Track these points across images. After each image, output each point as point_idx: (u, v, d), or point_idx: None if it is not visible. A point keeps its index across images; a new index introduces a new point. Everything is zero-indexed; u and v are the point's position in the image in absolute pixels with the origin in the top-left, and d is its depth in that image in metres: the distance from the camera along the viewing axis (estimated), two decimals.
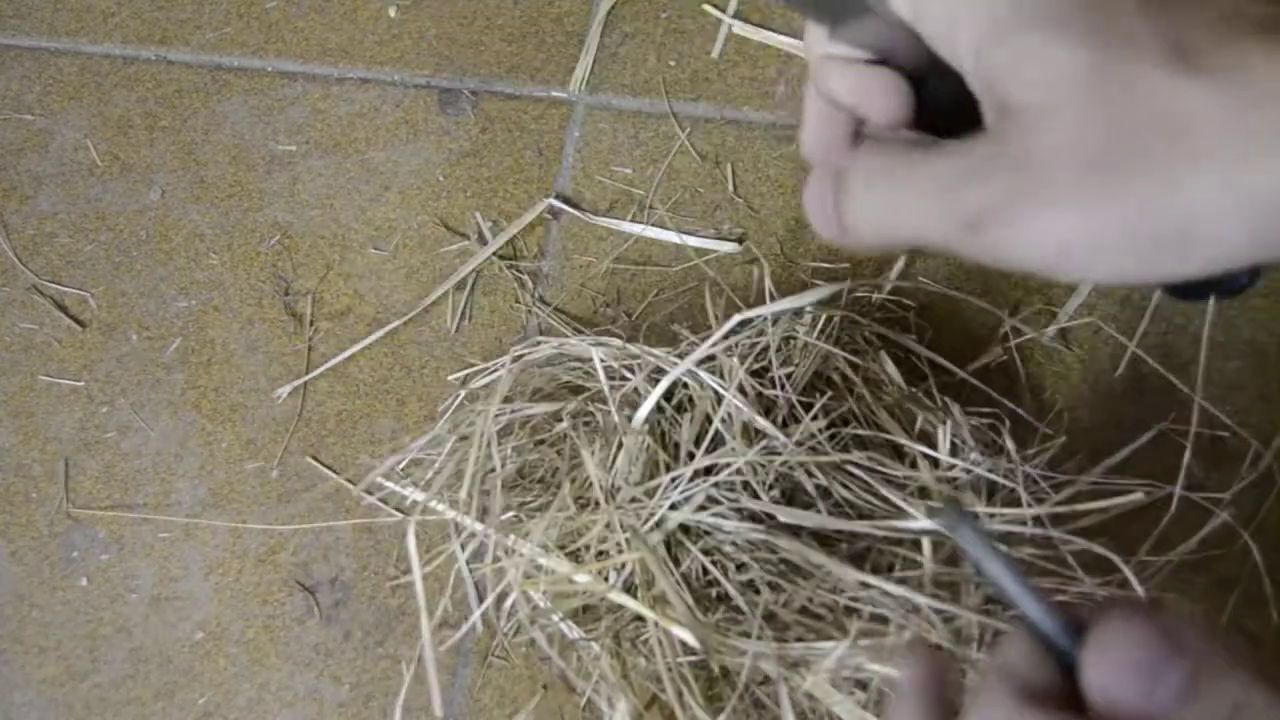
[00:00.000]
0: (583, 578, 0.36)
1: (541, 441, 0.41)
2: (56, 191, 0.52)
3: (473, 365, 0.46)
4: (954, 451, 0.38)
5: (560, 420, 0.40)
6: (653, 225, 0.48)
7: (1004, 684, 0.23)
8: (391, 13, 0.54)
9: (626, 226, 0.48)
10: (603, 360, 0.40)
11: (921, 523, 0.35)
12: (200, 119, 0.53)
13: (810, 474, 0.37)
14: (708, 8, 0.52)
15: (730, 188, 0.48)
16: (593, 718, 0.40)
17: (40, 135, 0.53)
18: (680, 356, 0.40)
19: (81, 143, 0.53)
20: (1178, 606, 0.28)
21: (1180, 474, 0.40)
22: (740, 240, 0.47)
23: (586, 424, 0.40)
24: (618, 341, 0.40)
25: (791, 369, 0.40)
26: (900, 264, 0.44)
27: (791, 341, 0.40)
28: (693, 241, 0.47)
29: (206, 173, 0.52)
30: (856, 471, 0.37)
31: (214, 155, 0.52)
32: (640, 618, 0.36)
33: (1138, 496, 0.35)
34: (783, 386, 0.39)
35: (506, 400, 0.40)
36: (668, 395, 0.40)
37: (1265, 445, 0.41)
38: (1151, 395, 0.43)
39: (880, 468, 0.37)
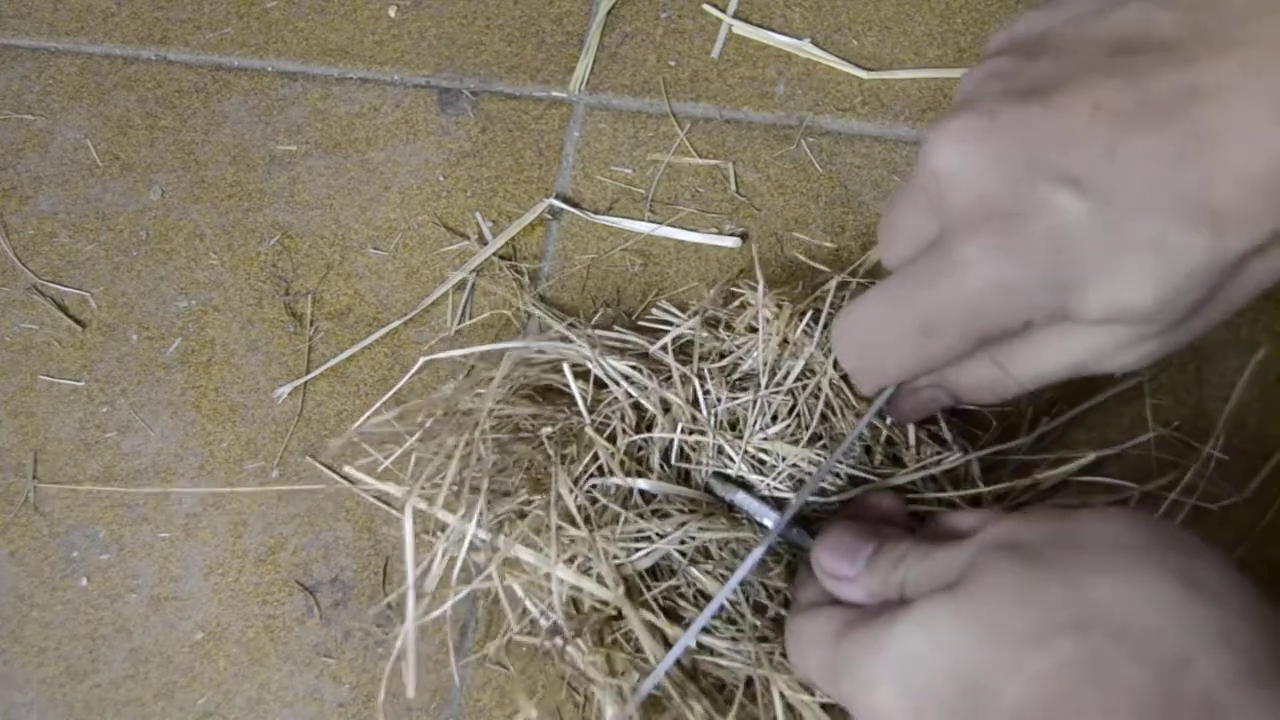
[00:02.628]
0: (568, 575, 0.36)
1: (522, 437, 0.41)
2: (56, 191, 0.52)
3: (470, 366, 0.46)
4: (920, 445, 0.38)
5: (542, 423, 0.40)
6: (652, 224, 0.48)
7: (795, 614, 0.33)
8: (391, 13, 0.54)
9: (627, 225, 0.48)
10: (575, 366, 0.40)
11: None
12: (200, 119, 0.53)
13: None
14: (708, 8, 0.52)
15: (731, 187, 0.48)
16: (593, 718, 0.40)
17: (40, 135, 0.53)
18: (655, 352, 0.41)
19: (81, 143, 0.53)
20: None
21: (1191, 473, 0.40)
22: (742, 238, 0.47)
23: (567, 437, 0.40)
24: (584, 350, 0.40)
25: (767, 362, 0.40)
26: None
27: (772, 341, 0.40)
28: (693, 240, 0.47)
29: (206, 173, 0.52)
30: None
31: (214, 155, 0.52)
32: (620, 615, 0.37)
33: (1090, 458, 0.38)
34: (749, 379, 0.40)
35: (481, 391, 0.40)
36: (636, 405, 0.40)
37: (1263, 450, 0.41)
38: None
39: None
